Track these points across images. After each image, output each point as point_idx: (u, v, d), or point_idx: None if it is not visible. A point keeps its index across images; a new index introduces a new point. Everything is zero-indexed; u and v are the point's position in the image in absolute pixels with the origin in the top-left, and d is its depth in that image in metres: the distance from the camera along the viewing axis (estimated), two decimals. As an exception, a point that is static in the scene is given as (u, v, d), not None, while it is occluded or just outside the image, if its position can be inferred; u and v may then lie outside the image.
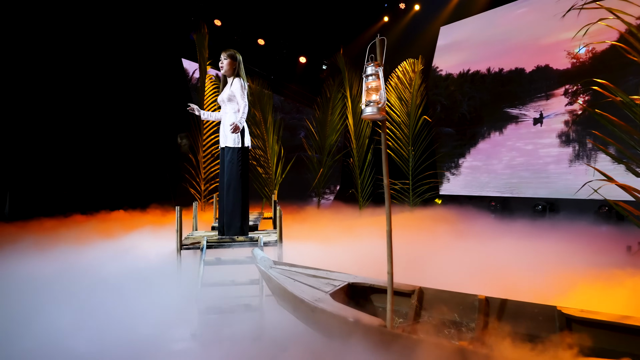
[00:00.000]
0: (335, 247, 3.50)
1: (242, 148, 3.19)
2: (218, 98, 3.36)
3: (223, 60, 3.27)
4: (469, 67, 9.50)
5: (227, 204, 3.15)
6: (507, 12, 8.66)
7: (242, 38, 9.30)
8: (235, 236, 3.13)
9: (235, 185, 3.14)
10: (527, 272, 2.86)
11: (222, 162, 3.28)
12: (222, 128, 3.30)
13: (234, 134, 3.16)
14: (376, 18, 10.34)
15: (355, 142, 7.13)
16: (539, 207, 7.85)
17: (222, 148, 3.29)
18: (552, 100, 8.00)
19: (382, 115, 1.74)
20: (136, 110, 8.43)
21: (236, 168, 3.15)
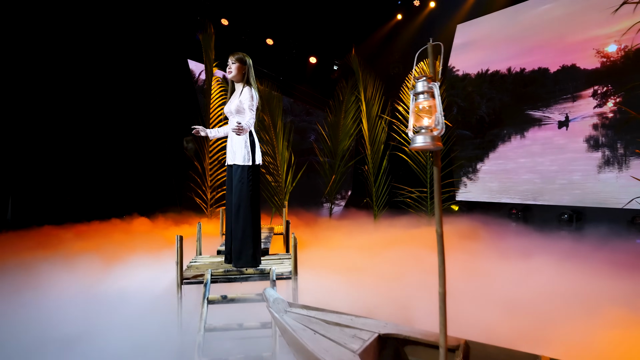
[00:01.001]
0: (356, 276, 3.10)
1: (252, 166, 2.81)
2: (225, 108, 2.99)
3: (231, 64, 2.89)
4: (488, 66, 9.02)
5: (236, 229, 2.78)
6: (531, 9, 8.17)
7: (250, 38, 8.93)
8: (244, 266, 2.75)
9: (245, 208, 2.76)
10: (589, 315, 2.42)
11: (230, 181, 2.90)
12: (229, 143, 2.92)
13: (244, 151, 2.79)
14: (389, 16, 9.90)
15: (370, 148, 6.72)
16: (564, 216, 7.37)
17: (229, 166, 2.92)
18: (579, 102, 7.50)
19: (437, 145, 1.35)
20: (140, 113, 8.12)
21: (246, 189, 2.77)
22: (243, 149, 2.83)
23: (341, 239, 4.89)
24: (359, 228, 5.85)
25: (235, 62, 2.89)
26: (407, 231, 5.31)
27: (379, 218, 6.80)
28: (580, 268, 4.13)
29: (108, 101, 7.79)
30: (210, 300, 2.38)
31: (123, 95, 7.94)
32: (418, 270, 3.06)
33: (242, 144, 2.84)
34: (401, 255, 3.72)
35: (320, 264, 3.30)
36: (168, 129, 8.39)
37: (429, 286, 2.10)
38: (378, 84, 6.93)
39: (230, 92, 3.04)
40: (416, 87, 1.38)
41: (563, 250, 5.11)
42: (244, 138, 2.84)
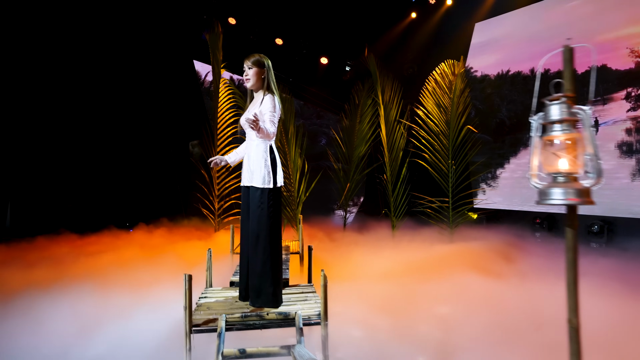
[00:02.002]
0: (402, 318, 2.64)
1: (273, 189, 2.40)
2: (241, 119, 2.57)
3: (247, 69, 2.48)
4: (509, 67, 8.55)
5: (255, 262, 2.36)
6: (556, 5, 7.69)
7: (258, 37, 8.52)
8: (264, 306, 2.34)
9: (265, 238, 2.35)
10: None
11: (246, 204, 2.48)
12: (246, 161, 2.51)
13: (263, 171, 2.37)
14: (403, 14, 9.45)
15: (388, 155, 6.29)
16: (595, 227, 6.89)
17: (245, 187, 2.51)
18: (611, 105, 7.02)
19: (587, 202, 0.92)
20: (144, 115, 7.73)
21: (266, 215, 2.36)
22: (262, 168, 2.41)
23: (363, 258, 4.45)
24: (378, 243, 5.43)
25: (252, 66, 2.48)
26: (433, 248, 4.88)
27: (398, 230, 6.36)
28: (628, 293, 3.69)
29: (110, 104, 7.41)
30: (226, 356, 1.96)
31: (125, 98, 7.55)
32: (478, 307, 2.60)
33: (262, 163, 2.42)
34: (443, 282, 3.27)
35: (349, 297, 2.87)
36: (173, 133, 7.99)
37: (506, 329, 1.66)
38: (396, 86, 6.49)
39: (249, 101, 2.63)
40: (548, 112, 0.95)
41: (603, 271, 4.66)
42: (263, 156, 2.43)
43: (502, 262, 4.34)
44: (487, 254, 4.56)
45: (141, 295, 3.07)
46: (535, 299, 2.97)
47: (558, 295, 3.23)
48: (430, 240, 5.64)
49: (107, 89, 7.34)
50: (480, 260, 4.24)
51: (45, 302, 2.93)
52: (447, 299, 2.98)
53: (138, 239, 5.80)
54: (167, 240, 5.65)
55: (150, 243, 5.42)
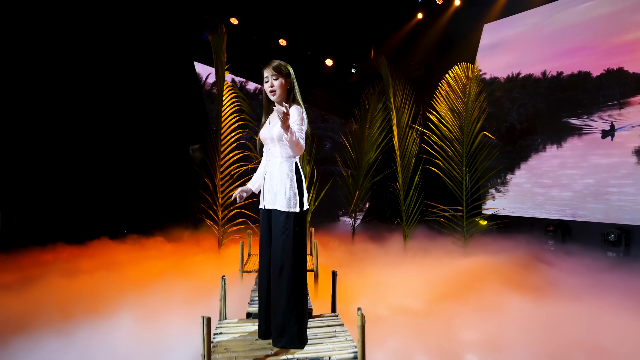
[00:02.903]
0: (436, 353, 2.38)
1: (300, 213, 2.12)
2: (262, 133, 2.28)
3: (272, 80, 2.17)
4: (519, 69, 8.32)
5: (278, 297, 2.07)
6: (570, 6, 7.46)
7: (261, 38, 8.23)
8: (288, 347, 2.06)
9: (290, 269, 2.06)
10: None
11: (266, 230, 2.19)
12: (268, 181, 2.22)
13: (289, 193, 2.08)
14: (409, 15, 9.20)
15: (400, 161, 6.02)
16: (611, 236, 6.67)
17: (265, 210, 2.22)
18: (628, 110, 6.80)
19: None
20: (142, 119, 7.41)
21: (292, 242, 2.07)
22: (288, 189, 2.12)
23: (381, 275, 4.16)
24: (392, 257, 5.16)
25: (278, 76, 2.18)
26: (453, 263, 4.62)
27: (410, 240, 6.09)
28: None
29: (107, 106, 7.09)
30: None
31: (123, 101, 7.24)
32: (533, 334, 2.32)
33: (287, 183, 2.13)
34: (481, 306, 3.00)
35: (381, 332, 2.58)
36: (173, 138, 7.69)
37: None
38: (408, 90, 6.23)
39: (266, 114, 2.33)
40: None
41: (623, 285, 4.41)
42: (288, 175, 2.14)
43: (531, 277, 4.09)
44: (512, 269, 4.33)
45: (145, 329, 2.75)
46: (583, 323, 2.71)
47: (607, 319, 3.02)
48: (445, 252, 5.38)
49: (104, 92, 7.03)
50: (508, 276, 4.00)
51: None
52: (495, 326, 2.70)
53: (136, 252, 5.47)
54: (169, 254, 5.32)
55: (149, 257, 5.10)
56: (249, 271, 3.89)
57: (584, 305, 3.28)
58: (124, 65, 7.15)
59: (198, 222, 6.46)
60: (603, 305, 3.32)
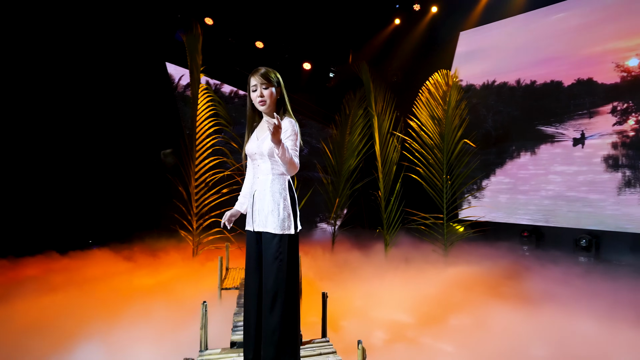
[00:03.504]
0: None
1: (294, 235, 1.93)
2: (248, 148, 2.07)
3: (260, 88, 1.96)
4: (495, 77, 8.47)
5: (271, 328, 1.85)
6: (543, 17, 7.66)
7: (237, 40, 7.96)
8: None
9: (284, 297, 1.87)
10: None
11: (255, 255, 1.97)
12: (258, 200, 1.99)
13: (282, 213, 1.88)
14: (387, 21, 9.20)
15: (382, 169, 5.94)
16: (583, 241, 6.86)
17: (254, 233, 2.01)
18: (597, 119, 7.03)
19: None
20: (110, 122, 6.98)
21: (286, 269, 1.88)
22: (281, 210, 1.93)
23: (367, 287, 4.03)
24: (373, 265, 5.04)
25: (268, 85, 1.98)
26: (440, 274, 4.55)
27: (391, 249, 6.01)
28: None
29: (71, 109, 6.61)
30: None
31: (89, 103, 6.78)
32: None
33: (280, 203, 1.94)
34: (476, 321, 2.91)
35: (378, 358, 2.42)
36: (144, 142, 7.28)
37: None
38: (389, 96, 6.16)
39: (252, 124, 2.12)
40: None
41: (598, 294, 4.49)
42: (282, 194, 1.95)
43: (516, 286, 4.09)
44: (496, 279, 4.32)
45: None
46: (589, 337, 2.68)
47: (600, 329, 3.04)
48: (427, 261, 5.35)
49: (70, 93, 6.55)
50: (495, 287, 3.97)
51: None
52: (496, 344, 2.60)
53: (102, 266, 5.07)
54: (139, 268, 4.96)
55: (117, 273, 4.72)
56: (228, 288, 3.65)
57: (576, 316, 3.28)
58: (91, 65, 6.71)
59: (171, 231, 6.12)
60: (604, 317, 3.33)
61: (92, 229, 6.77)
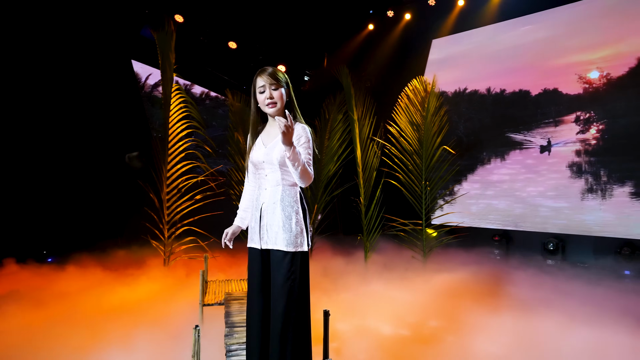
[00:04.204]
0: None
1: (305, 253, 1.76)
2: (254, 156, 1.87)
3: (269, 89, 1.78)
4: (466, 85, 8.68)
5: (283, 355, 1.66)
6: (511, 29, 7.94)
7: (209, 39, 7.64)
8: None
9: (298, 322, 1.68)
10: None
11: (261, 275, 1.77)
12: (266, 215, 1.80)
13: (294, 229, 1.71)
14: (361, 25, 9.21)
15: (362, 175, 5.86)
16: (550, 245, 7.13)
17: (258, 250, 1.81)
18: (562, 127, 7.36)
19: None
20: (71, 123, 6.44)
21: (297, 290, 1.70)
22: (293, 225, 1.75)
23: (352, 298, 3.89)
24: (355, 273, 4.93)
25: (277, 85, 1.81)
26: (427, 283, 4.50)
27: (371, 256, 5.93)
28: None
29: (27, 108, 6.03)
30: None
31: (47, 102, 6.21)
32: None
33: (292, 217, 1.76)
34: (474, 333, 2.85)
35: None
36: (107, 145, 6.78)
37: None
38: (369, 101, 6.11)
39: (255, 129, 1.94)
40: None
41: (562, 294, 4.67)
42: (293, 207, 1.77)
43: (500, 291, 4.12)
44: (478, 285, 4.34)
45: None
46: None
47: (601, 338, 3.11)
48: (407, 268, 5.33)
49: (25, 90, 5.97)
50: (479, 293, 3.98)
51: None
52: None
53: (62, 281, 4.60)
54: (106, 282, 4.53)
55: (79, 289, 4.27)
56: (211, 304, 3.39)
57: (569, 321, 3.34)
58: (49, 62, 6.15)
59: (139, 241, 5.71)
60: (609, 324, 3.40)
61: (49, 239, 6.18)
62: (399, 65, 8.99)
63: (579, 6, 7.10)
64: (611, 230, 6.76)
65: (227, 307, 3.09)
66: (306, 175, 1.73)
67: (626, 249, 6.48)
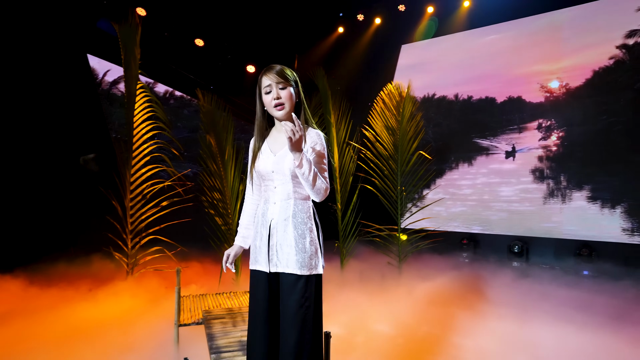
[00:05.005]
0: None
1: (319, 276, 1.57)
2: (261, 166, 1.65)
3: (276, 88, 1.57)
4: (435, 91, 8.84)
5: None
6: (478, 37, 8.17)
7: (174, 35, 7.21)
8: None
9: (312, 353, 1.49)
10: None
11: (263, 299, 1.55)
12: (275, 234, 1.58)
13: (309, 249, 1.51)
14: (331, 28, 9.12)
15: (339, 180, 5.73)
16: (516, 247, 7.38)
17: (264, 273, 1.60)
18: (525, 134, 7.66)
19: None
20: (20, 124, 5.80)
21: (312, 317, 1.50)
22: (307, 245, 1.55)
23: (333, 308, 3.73)
24: (332, 282, 4.78)
25: (285, 84, 1.60)
26: (411, 293, 4.44)
27: (347, 262, 5.81)
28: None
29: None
30: None
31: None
32: None
33: (306, 235, 1.55)
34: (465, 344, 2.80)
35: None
36: (60, 146, 6.17)
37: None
38: (345, 106, 6.00)
39: (261, 134, 1.72)
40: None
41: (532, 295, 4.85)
42: (307, 224, 1.58)
43: (480, 295, 4.14)
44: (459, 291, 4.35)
45: None
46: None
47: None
48: (383, 274, 5.29)
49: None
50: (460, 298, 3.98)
51: None
52: None
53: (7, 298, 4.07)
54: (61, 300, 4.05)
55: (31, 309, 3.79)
56: (187, 324, 3.10)
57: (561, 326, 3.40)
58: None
59: (100, 252, 5.22)
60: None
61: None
62: (369, 69, 8.99)
63: (540, 19, 7.43)
64: (571, 233, 7.10)
65: (208, 327, 2.82)
66: (323, 190, 1.55)
67: (585, 250, 6.83)
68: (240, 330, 2.74)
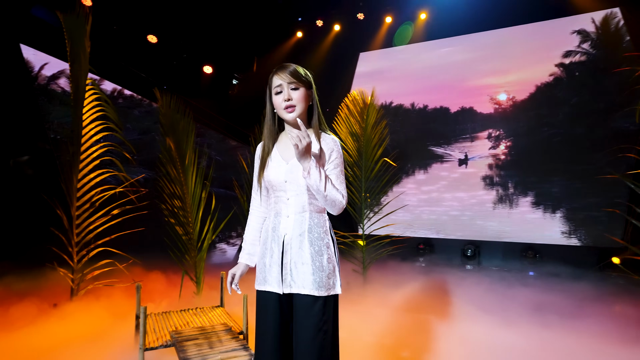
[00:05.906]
0: None
1: (336, 296, 1.43)
2: (271, 175, 1.48)
3: (287, 88, 1.43)
4: (392, 99, 9.05)
5: None
6: (432, 49, 8.51)
7: (124, 29, 6.68)
8: None
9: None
10: None
11: (274, 323, 1.39)
12: (290, 247, 1.43)
13: (327, 267, 1.37)
14: (290, 32, 9.02)
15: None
16: (469, 251, 7.72)
17: (275, 295, 1.44)
18: (477, 143, 8.08)
19: None
20: None
21: (331, 341, 1.36)
22: (324, 262, 1.41)
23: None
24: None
25: (298, 85, 1.47)
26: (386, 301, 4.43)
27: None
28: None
29: None
30: None
31: None
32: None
33: (324, 252, 1.42)
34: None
35: None
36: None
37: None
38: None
39: (273, 138, 1.56)
40: None
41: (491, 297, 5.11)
42: (324, 239, 1.44)
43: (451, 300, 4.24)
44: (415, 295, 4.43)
45: None
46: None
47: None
48: (347, 282, 5.27)
49: None
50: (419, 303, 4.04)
51: None
52: None
53: None
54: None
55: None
56: (154, 348, 2.80)
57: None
58: None
59: (38, 268, 4.62)
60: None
61: None
62: (327, 75, 8.99)
63: (489, 35, 7.90)
64: (517, 236, 7.58)
65: (181, 351, 2.56)
66: (336, 200, 1.43)
67: (530, 253, 7.31)
68: (219, 353, 2.51)
